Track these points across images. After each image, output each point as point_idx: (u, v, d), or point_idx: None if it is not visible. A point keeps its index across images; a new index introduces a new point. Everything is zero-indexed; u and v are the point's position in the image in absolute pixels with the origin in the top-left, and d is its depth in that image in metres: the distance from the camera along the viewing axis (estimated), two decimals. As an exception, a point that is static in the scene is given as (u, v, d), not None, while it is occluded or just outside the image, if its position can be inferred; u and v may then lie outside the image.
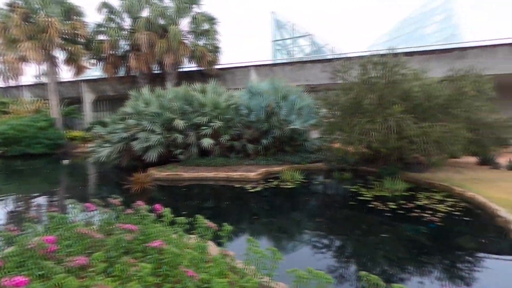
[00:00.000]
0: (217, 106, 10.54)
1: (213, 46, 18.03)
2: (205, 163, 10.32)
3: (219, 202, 7.30)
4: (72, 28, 16.57)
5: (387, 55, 8.55)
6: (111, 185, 9.83)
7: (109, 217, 4.00)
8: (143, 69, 17.01)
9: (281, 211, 6.52)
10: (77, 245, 3.18)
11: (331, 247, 4.47)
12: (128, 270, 2.40)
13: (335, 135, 9.26)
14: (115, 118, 11.16)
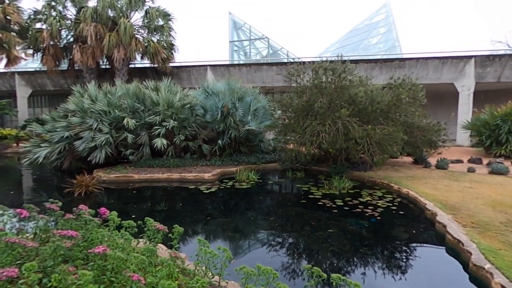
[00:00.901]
0: (171, 105, 10.21)
1: (168, 43, 17.44)
2: (158, 164, 9.94)
3: (172, 204, 7.10)
4: (3, 12, 14.68)
5: (336, 62, 9.13)
6: (50, 189, 8.93)
7: (46, 224, 3.66)
8: (89, 63, 15.77)
9: (235, 211, 6.57)
10: (6, 255, 2.86)
11: (282, 243, 4.64)
12: (66, 280, 2.23)
13: (288, 136, 9.60)
14: (56, 115, 10.16)
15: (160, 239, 3.06)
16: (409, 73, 11.47)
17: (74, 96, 10.62)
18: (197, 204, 6.90)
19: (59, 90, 21.34)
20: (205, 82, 12.83)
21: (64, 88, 20.81)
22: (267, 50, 23.12)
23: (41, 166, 10.73)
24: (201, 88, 12.22)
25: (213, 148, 11.03)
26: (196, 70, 19.43)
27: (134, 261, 2.43)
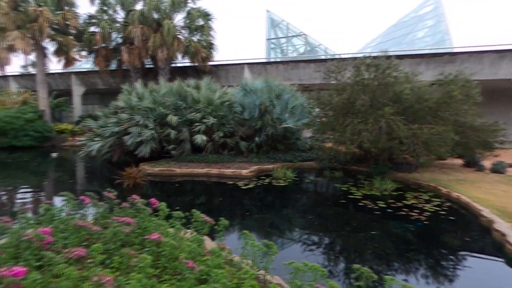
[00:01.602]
0: (211, 102, 10.54)
1: (208, 43, 17.95)
2: (197, 159, 10.32)
3: (212, 198, 7.35)
4: (63, 18, 16.20)
5: (380, 58, 8.74)
6: (102, 180, 9.73)
7: (104, 211, 4.01)
8: (135, 63, 16.81)
9: (273, 208, 6.62)
10: (73, 237, 3.20)
11: (322, 243, 4.59)
12: (127, 262, 2.44)
13: (327, 135, 9.42)
14: (107, 112, 11.02)
15: (207, 231, 3.20)
16: (461, 68, 10.61)
17: (123, 94, 11.42)
18: (236, 199, 7.06)
19: (109, 88, 23.02)
20: (242, 80, 13.04)
21: (113, 87, 22.41)
22: (305, 47, 22.78)
23: (94, 158, 11.70)
24: (239, 86, 12.42)
25: (250, 145, 11.18)
26: (234, 68, 19.76)
27: (186, 249, 2.57)
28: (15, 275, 2.31)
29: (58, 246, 3.06)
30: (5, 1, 14.50)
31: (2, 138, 15.02)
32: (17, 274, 2.33)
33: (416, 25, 25.67)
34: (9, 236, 3.16)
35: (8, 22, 14.64)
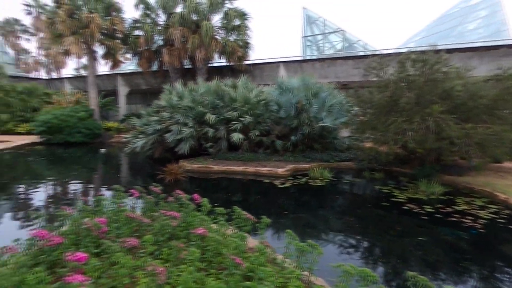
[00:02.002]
0: (247, 101, 10.64)
1: (244, 42, 18.13)
2: (234, 157, 10.49)
3: (249, 196, 7.42)
4: (111, 23, 17.39)
5: (428, 52, 8.17)
6: (146, 175, 10.29)
7: (150, 204, 4.23)
8: (175, 63, 17.51)
9: (311, 208, 6.50)
10: (125, 228, 3.41)
11: (364, 246, 4.41)
12: (176, 254, 2.54)
13: (367, 134, 9.04)
14: (150, 110, 11.62)
15: (249, 228, 3.22)
16: (523, 61, 9.53)
17: (164, 93, 11.97)
18: (273, 198, 7.06)
19: (150, 88, 24.28)
20: (277, 78, 13.00)
21: (154, 87, 23.59)
22: (342, 44, 22.06)
23: (137, 154, 12.42)
24: (275, 84, 12.39)
25: (285, 144, 11.10)
26: (269, 67, 19.75)
27: (232, 245, 2.62)
28: (78, 260, 2.52)
29: (112, 236, 3.29)
30: (62, 10, 15.90)
31: (59, 134, 16.54)
32: (80, 259, 2.53)
33: (466, 16, 23.61)
34: (70, 224, 3.46)
35: (65, 29, 16.06)
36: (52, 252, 2.77)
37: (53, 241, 2.72)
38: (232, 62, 18.22)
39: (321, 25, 22.52)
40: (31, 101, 21.14)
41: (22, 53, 39.47)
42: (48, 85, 28.93)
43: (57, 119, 16.33)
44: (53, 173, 10.41)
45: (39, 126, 16.38)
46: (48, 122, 16.20)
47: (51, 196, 7.47)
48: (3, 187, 8.17)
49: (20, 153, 13.93)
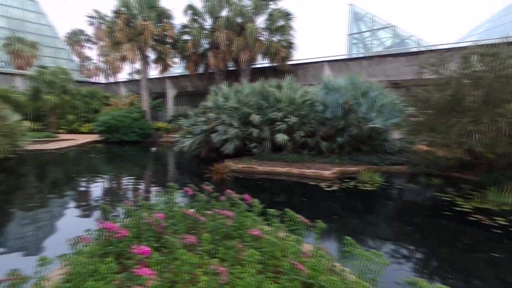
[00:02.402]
0: (292, 102, 10.51)
1: (288, 42, 18.00)
2: (278, 158, 10.42)
3: (296, 198, 7.28)
4: (162, 30, 18.48)
5: (498, 45, 7.28)
6: (193, 173, 10.69)
7: (203, 202, 4.33)
8: (220, 66, 18.01)
9: (362, 213, 6.17)
10: (182, 225, 3.52)
11: (428, 260, 4.03)
12: (234, 254, 2.54)
13: (424, 136, 8.33)
14: (197, 111, 12.07)
15: (304, 232, 3.12)
16: None
17: (210, 95, 12.35)
18: (320, 201, 6.83)
19: (196, 90, 25.31)
20: (322, 78, 12.63)
21: (200, 89, 24.53)
22: (392, 40, 20.76)
23: (184, 153, 12.98)
24: (321, 84, 12.05)
25: (331, 146, 10.74)
26: (313, 66, 19.33)
27: (290, 249, 2.54)
28: (143, 253, 2.63)
29: (169, 231, 3.42)
30: (121, 19, 17.30)
31: (116, 133, 18.00)
32: (144, 252, 2.65)
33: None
34: (132, 218, 3.68)
35: (122, 36, 17.46)
36: (118, 243, 2.96)
37: (120, 234, 2.89)
38: (275, 63, 18.20)
39: (368, 22, 21.46)
40: (93, 103, 23.33)
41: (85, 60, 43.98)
42: (106, 88, 31.70)
43: (115, 120, 17.79)
44: (111, 168, 11.33)
45: (99, 126, 18.00)
46: (107, 122, 17.72)
47: (109, 190, 8.12)
48: (69, 181, 9.09)
49: (83, 150, 15.43)
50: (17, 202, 6.71)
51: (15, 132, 10.69)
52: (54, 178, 9.66)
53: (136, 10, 18.17)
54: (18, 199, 7.01)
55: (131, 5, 17.99)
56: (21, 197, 7.22)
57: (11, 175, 9.76)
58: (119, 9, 18.05)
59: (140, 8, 17.98)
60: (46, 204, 6.57)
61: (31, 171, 10.61)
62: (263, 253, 2.73)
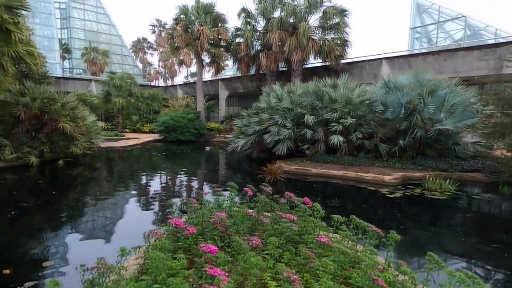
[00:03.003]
0: (349, 102, 10.01)
1: (342, 40, 17.28)
2: (332, 160, 10.02)
3: (354, 204, 6.89)
4: (217, 33, 19.21)
5: None
6: (246, 173, 10.84)
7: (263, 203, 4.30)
8: (272, 67, 18.03)
9: (433, 225, 5.55)
10: (244, 225, 3.53)
11: (521, 285, 3.43)
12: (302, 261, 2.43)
13: (508, 140, 7.24)
14: (250, 112, 12.22)
15: (376, 242, 2.87)
16: None
17: (262, 95, 12.41)
18: (382, 208, 6.36)
19: (247, 91, 25.80)
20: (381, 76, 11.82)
21: (250, 90, 24.94)
22: (463, 32, 18.58)
23: (236, 153, 13.26)
24: (380, 82, 11.29)
25: (391, 149, 9.97)
26: (369, 64, 18.26)
27: (366, 261, 2.35)
28: (211, 252, 2.66)
29: (231, 231, 3.45)
30: (180, 26, 18.42)
31: (173, 133, 19.22)
32: (212, 251, 2.68)
33: None
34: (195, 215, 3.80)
35: (181, 42, 18.58)
36: (186, 240, 3.06)
37: (188, 231, 2.99)
38: (328, 62, 17.61)
39: (434, 13, 19.55)
40: (153, 105, 25.25)
41: (147, 66, 47.93)
42: (165, 91, 34.11)
43: (172, 120, 19.00)
44: (170, 165, 12.07)
45: (159, 126, 19.40)
46: (166, 122, 19.01)
47: (169, 185, 8.63)
48: (135, 175, 9.90)
49: (145, 148, 16.76)
50: (92, 192, 7.51)
51: (91, 131, 12.03)
52: (123, 172, 10.62)
53: (194, 16, 19.17)
54: (93, 189, 7.84)
55: (189, 12, 19.05)
56: (96, 188, 8.06)
57: (87, 169, 11.00)
58: (179, 16, 19.25)
59: (197, 14, 18.93)
60: (116, 195, 7.23)
61: (103, 166, 11.84)
62: (335, 262, 2.58)
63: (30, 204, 6.42)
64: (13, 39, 8.79)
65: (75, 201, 6.79)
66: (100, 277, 2.13)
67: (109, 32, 44.73)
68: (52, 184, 8.46)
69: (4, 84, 9.21)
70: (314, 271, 2.36)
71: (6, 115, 10.07)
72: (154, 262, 2.10)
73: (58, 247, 4.26)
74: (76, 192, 7.71)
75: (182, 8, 19.21)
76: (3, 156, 9.54)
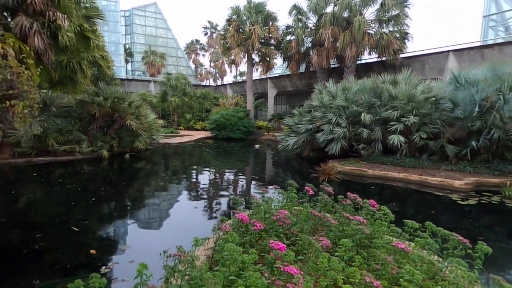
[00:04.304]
0: (411, 99, 9.26)
1: (402, 33, 16.08)
2: (391, 161, 9.40)
3: (421, 210, 6.34)
4: (268, 32, 19.30)
5: None
6: (298, 172, 10.70)
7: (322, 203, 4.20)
8: (323, 64, 17.53)
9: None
10: (308, 224, 3.48)
11: None
12: (387, 270, 2.27)
13: None
14: (302, 110, 12.04)
15: (462, 253, 2.59)
16: None
17: (314, 93, 12.13)
18: (454, 216, 5.76)
19: (295, 90, 25.53)
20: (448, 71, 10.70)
21: (299, 88, 24.62)
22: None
23: (285, 152, 13.17)
24: (448, 77, 10.25)
25: (460, 151, 9.00)
26: (433, 58, 16.71)
27: (457, 275, 2.13)
28: (280, 249, 2.66)
29: (295, 229, 3.42)
30: (232, 26, 18.92)
31: (224, 131, 19.88)
32: (281, 248, 2.67)
33: None
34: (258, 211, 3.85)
35: (233, 42, 19.07)
36: (254, 235, 3.11)
37: (256, 227, 3.03)
38: (384, 57, 16.56)
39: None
40: (205, 104, 26.40)
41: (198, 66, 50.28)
42: (215, 90, 35.42)
43: (223, 118, 19.65)
44: (222, 162, 12.48)
45: (211, 124, 20.21)
46: (217, 120, 19.73)
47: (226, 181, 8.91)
48: (188, 170, 10.45)
49: (198, 144, 17.61)
50: (155, 184, 8.10)
51: (152, 128, 13.01)
52: (180, 167, 11.29)
53: (245, 16, 19.51)
54: (154, 181, 8.46)
55: (241, 12, 19.44)
56: (157, 180, 8.69)
57: (149, 163, 11.93)
58: (231, 17, 19.77)
59: (248, 14, 19.23)
60: (175, 187, 7.70)
61: (162, 160, 12.74)
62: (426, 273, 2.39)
63: (106, 193, 7.17)
64: (91, 45, 9.88)
65: (142, 191, 7.41)
66: (181, 264, 2.27)
67: (165, 36, 47.92)
68: (121, 175, 9.35)
69: (83, 86, 10.42)
70: (392, 279, 2.21)
71: (84, 113, 11.40)
72: (231, 255, 2.16)
73: (133, 233, 4.67)
74: (142, 183, 8.40)
75: (235, 8, 19.70)
76: (81, 149, 10.81)
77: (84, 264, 3.62)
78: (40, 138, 10.23)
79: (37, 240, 4.11)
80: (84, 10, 10.06)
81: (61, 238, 4.30)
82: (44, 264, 3.60)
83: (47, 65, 8.75)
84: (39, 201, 6.50)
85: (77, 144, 10.88)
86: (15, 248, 3.96)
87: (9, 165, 9.63)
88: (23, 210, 5.83)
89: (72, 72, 9.78)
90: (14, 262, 3.59)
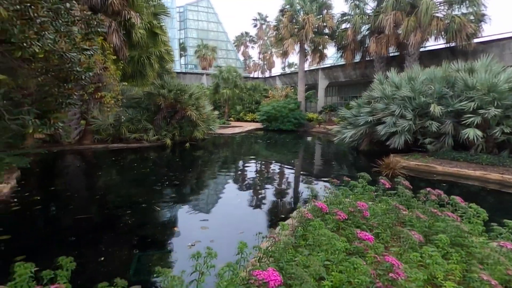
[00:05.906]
0: (492, 89, 8.27)
1: (478, 14, 14.33)
2: (464, 158, 8.58)
3: (508, 213, 5.73)
4: (322, 21, 18.71)
5: None
6: (356, 166, 10.33)
7: (401, 197, 4.05)
8: (382, 52, 16.47)
9: None
10: (387, 217, 3.38)
11: None
12: (501, 273, 2.13)
13: None
14: (361, 102, 11.53)
15: None
16: None
17: (374, 83, 11.48)
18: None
19: (348, 80, 24.45)
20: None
21: (352, 79, 23.54)
22: None
23: (339, 145, 12.73)
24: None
25: (553, 148, 7.84)
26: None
27: None
28: (368, 240, 2.65)
29: (374, 222, 3.36)
30: (285, 17, 18.72)
31: (275, 122, 19.98)
32: (369, 239, 2.65)
33: None
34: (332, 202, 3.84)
35: (286, 32, 18.89)
36: (335, 224, 3.13)
37: (339, 216, 3.05)
38: (454, 42, 14.94)
39: None
40: (255, 95, 26.72)
41: (247, 59, 50.87)
42: (264, 82, 35.57)
43: (274, 110, 19.72)
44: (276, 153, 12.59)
45: (262, 115, 20.44)
46: (268, 112, 19.88)
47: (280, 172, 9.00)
48: (244, 159, 10.75)
49: (249, 135, 17.98)
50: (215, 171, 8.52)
51: (209, 119, 13.63)
52: (235, 155, 11.69)
53: (299, 5, 19.13)
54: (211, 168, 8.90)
55: (295, 2, 19.09)
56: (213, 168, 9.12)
57: (206, 152, 12.56)
58: (284, 7, 19.54)
59: (303, 3, 18.82)
60: (232, 176, 8.01)
61: (218, 149, 13.31)
62: None
63: (176, 177, 7.76)
64: (158, 41, 10.62)
65: (207, 178, 7.89)
66: (275, 246, 2.39)
67: (216, 29, 49.21)
68: (184, 162, 10.02)
69: (151, 79, 11.28)
70: (502, 281, 2.07)
71: (151, 104, 12.39)
72: (329, 240, 2.21)
73: (208, 216, 5.02)
74: (204, 170, 8.91)
75: (289, -2, 19.44)
76: (148, 137, 11.80)
77: (171, 239, 4.01)
78: (115, 126, 11.42)
79: (129, 216, 4.66)
80: (152, 8, 10.82)
81: (147, 216, 4.80)
82: (138, 236, 4.07)
83: (122, 60, 9.66)
84: (122, 182, 7.31)
85: (144, 132, 11.90)
86: (114, 222, 4.55)
87: (90, 150, 10.95)
88: (112, 189, 6.61)
89: (142, 66, 10.67)
90: (115, 234, 4.13)
